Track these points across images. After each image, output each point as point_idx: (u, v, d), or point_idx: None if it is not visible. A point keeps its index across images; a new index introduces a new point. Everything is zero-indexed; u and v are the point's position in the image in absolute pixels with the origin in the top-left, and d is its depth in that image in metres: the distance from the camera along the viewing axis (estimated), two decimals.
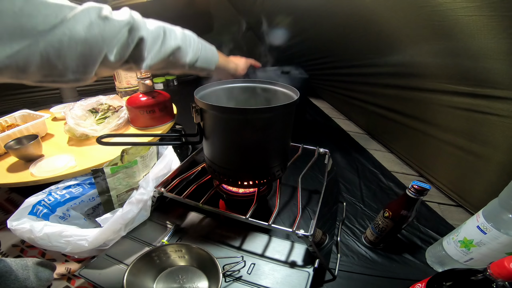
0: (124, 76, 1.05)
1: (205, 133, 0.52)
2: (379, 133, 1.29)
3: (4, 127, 0.79)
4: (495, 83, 0.67)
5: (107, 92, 1.08)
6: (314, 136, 1.35)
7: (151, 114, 0.80)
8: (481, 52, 0.66)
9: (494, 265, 0.37)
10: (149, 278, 0.51)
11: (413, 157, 1.06)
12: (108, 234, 0.56)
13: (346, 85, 1.46)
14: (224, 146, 0.52)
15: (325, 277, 0.63)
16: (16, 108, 0.91)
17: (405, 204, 0.59)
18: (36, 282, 0.50)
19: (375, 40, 1.04)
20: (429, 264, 0.67)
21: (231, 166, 0.54)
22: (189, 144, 0.78)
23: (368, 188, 0.96)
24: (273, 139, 0.52)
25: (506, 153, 0.70)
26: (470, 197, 0.83)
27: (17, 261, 0.50)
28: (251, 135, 0.49)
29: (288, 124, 0.54)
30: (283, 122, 0.51)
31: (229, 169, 0.54)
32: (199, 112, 0.49)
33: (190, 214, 0.68)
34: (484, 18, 0.61)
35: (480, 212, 0.56)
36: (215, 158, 0.55)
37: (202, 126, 0.52)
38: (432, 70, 0.85)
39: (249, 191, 0.65)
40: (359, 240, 0.74)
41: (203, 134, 0.53)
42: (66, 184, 0.67)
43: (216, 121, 0.49)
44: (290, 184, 0.95)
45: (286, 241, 0.60)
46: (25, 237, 0.54)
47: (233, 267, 0.53)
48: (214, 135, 0.52)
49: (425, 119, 0.95)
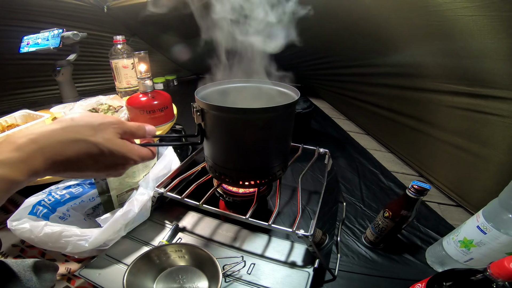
0: (124, 76, 1.05)
1: (206, 133, 0.52)
2: (379, 133, 1.29)
3: (4, 127, 0.79)
4: (495, 83, 0.67)
5: (107, 92, 1.08)
6: (314, 136, 1.35)
7: (151, 114, 0.80)
8: (481, 52, 0.66)
9: (494, 265, 0.37)
10: (149, 278, 0.51)
11: (413, 157, 1.06)
12: (108, 234, 0.56)
13: (346, 85, 1.46)
14: (226, 146, 0.52)
15: (325, 277, 0.63)
16: (16, 108, 0.91)
17: (405, 204, 0.59)
18: (39, 284, 0.50)
19: (375, 40, 1.03)
20: (429, 264, 0.67)
21: (233, 166, 0.54)
22: (189, 144, 0.77)
23: (368, 188, 0.96)
24: (276, 139, 0.52)
25: (506, 153, 0.70)
26: (470, 197, 0.83)
27: (18, 262, 0.50)
28: (254, 135, 0.49)
29: (290, 123, 0.54)
30: (285, 121, 0.52)
31: (231, 169, 0.54)
32: (200, 113, 0.49)
33: (190, 214, 0.68)
34: (484, 18, 0.61)
35: (480, 212, 0.56)
36: (217, 159, 0.55)
37: (203, 126, 0.51)
38: (432, 70, 0.85)
39: (249, 191, 0.65)
40: (359, 240, 0.74)
41: (204, 134, 0.53)
42: (66, 184, 0.67)
43: (218, 121, 0.49)
44: (290, 184, 0.94)
45: (286, 241, 0.60)
46: (25, 237, 0.54)
47: (233, 267, 0.53)
48: (216, 136, 0.51)
49: (425, 119, 0.95)
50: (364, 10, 0.95)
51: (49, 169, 0.28)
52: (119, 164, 0.35)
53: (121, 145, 0.33)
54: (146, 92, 0.79)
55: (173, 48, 1.91)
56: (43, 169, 0.28)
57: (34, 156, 0.27)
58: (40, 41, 1.03)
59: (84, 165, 0.31)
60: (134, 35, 1.87)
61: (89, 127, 0.31)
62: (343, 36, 1.19)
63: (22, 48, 1.06)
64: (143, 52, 0.77)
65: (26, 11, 1.27)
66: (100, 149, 0.31)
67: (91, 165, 0.32)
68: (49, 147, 0.28)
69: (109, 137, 0.32)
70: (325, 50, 1.43)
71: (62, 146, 0.29)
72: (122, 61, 1.02)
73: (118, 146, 0.33)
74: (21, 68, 1.36)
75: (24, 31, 1.09)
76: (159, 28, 1.70)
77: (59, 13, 1.38)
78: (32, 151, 0.27)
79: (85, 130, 0.31)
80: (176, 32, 1.70)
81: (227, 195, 0.65)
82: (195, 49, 1.77)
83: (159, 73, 2.19)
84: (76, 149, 0.30)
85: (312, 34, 1.35)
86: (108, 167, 0.34)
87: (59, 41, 0.97)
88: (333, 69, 1.47)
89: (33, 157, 0.27)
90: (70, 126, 0.30)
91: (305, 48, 1.55)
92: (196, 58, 1.92)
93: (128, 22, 1.72)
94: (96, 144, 0.31)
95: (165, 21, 1.55)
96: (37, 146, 0.27)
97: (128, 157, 0.34)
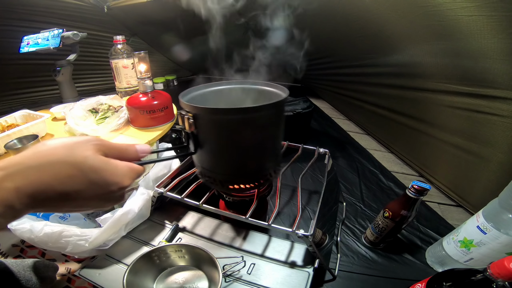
0: (124, 76, 1.05)
1: (200, 141, 0.47)
2: (379, 133, 1.29)
3: (4, 127, 0.78)
4: (495, 83, 0.67)
5: (107, 92, 1.08)
6: (314, 136, 1.35)
7: (151, 114, 0.80)
8: (481, 52, 0.66)
9: (494, 265, 0.37)
10: (149, 278, 0.51)
11: (413, 157, 1.06)
12: (108, 234, 0.56)
13: (346, 85, 1.46)
14: (225, 151, 0.48)
15: (325, 277, 0.63)
16: (16, 108, 0.91)
17: (405, 204, 0.59)
18: (39, 284, 0.50)
19: (375, 40, 1.04)
20: (429, 264, 0.67)
21: (236, 171, 0.51)
22: (185, 156, 0.72)
23: (368, 188, 0.96)
24: (276, 137, 0.52)
25: (506, 153, 0.70)
26: (470, 197, 0.83)
27: (18, 262, 0.50)
28: (260, 134, 0.47)
29: (282, 121, 0.52)
30: (278, 119, 0.50)
31: (233, 175, 0.51)
32: (193, 119, 0.44)
33: (190, 214, 0.68)
34: (484, 18, 0.61)
35: (480, 212, 0.56)
36: (216, 166, 0.51)
37: (196, 134, 0.46)
38: (432, 70, 0.85)
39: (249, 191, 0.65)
40: (359, 240, 0.74)
41: (198, 143, 0.48)
42: None
43: (216, 126, 0.45)
44: (290, 184, 0.94)
45: (286, 241, 0.60)
46: (25, 237, 0.54)
47: (233, 267, 0.53)
48: (215, 142, 0.48)
49: (425, 119, 0.95)
50: (364, 10, 0.95)
51: (29, 202, 0.24)
52: (111, 185, 0.28)
53: (105, 161, 0.28)
54: (146, 92, 0.79)
55: (173, 48, 1.91)
56: (18, 201, 0.24)
57: (0, 186, 0.23)
58: (40, 41, 1.03)
59: (69, 192, 0.26)
60: (134, 35, 1.87)
61: (64, 148, 0.27)
62: (343, 36, 1.19)
63: (22, 48, 1.06)
64: (143, 52, 0.77)
65: (26, 11, 1.27)
66: (80, 169, 0.26)
67: (77, 192, 0.26)
68: (19, 174, 0.24)
69: (87, 154, 0.27)
70: (325, 50, 1.43)
71: (35, 172, 0.25)
72: (122, 61, 1.02)
73: (101, 163, 0.27)
74: (21, 68, 1.36)
75: (24, 31, 1.09)
76: (159, 28, 1.70)
77: (59, 13, 1.38)
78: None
79: (60, 151, 0.26)
80: (176, 32, 1.70)
81: (227, 195, 0.65)
82: (195, 49, 1.77)
83: (159, 73, 2.19)
84: (52, 173, 0.25)
85: (312, 34, 1.36)
86: (100, 192, 0.28)
87: (59, 41, 0.97)
88: (333, 69, 1.47)
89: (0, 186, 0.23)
90: (42, 150, 0.26)
91: (305, 48, 1.55)
92: (196, 58, 1.93)
93: (128, 22, 1.72)
94: (74, 164, 0.26)
95: (165, 21, 1.55)
96: (3, 174, 0.23)
97: (118, 174, 0.29)
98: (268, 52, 0.68)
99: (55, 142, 0.27)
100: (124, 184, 0.29)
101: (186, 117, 0.44)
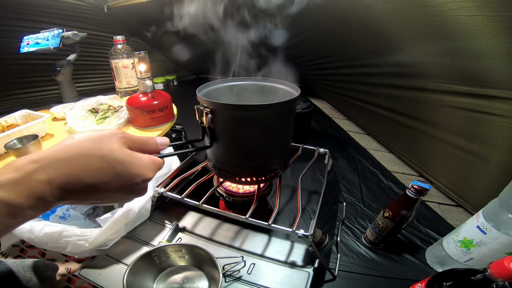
0: (124, 76, 1.05)
1: (216, 135, 0.49)
2: (379, 133, 1.29)
3: (4, 127, 0.79)
4: (495, 83, 0.67)
5: (107, 92, 1.08)
6: (314, 136, 1.36)
7: (151, 114, 0.80)
8: (481, 52, 0.66)
9: (494, 265, 0.37)
10: (149, 278, 0.51)
11: (413, 157, 1.06)
12: (108, 234, 0.56)
13: (346, 85, 1.46)
14: (244, 145, 0.50)
15: (325, 277, 0.63)
16: (16, 108, 0.91)
17: (405, 204, 0.59)
18: (39, 284, 0.50)
19: (375, 40, 1.04)
20: (429, 264, 0.67)
21: (249, 164, 0.53)
22: (198, 150, 0.75)
23: (368, 188, 0.96)
24: (288, 133, 0.54)
25: (506, 153, 0.70)
26: (470, 197, 0.83)
27: (18, 262, 0.50)
28: (275, 129, 0.50)
29: (292, 119, 0.55)
30: (289, 116, 0.52)
31: (247, 168, 0.53)
32: (211, 114, 0.46)
33: (190, 214, 0.68)
34: (484, 18, 0.61)
35: (480, 212, 0.56)
36: (230, 159, 0.53)
37: (213, 128, 0.48)
38: (432, 70, 0.85)
39: (249, 190, 0.65)
40: (359, 240, 0.74)
41: (214, 137, 0.49)
42: None
43: (233, 121, 0.47)
44: (290, 184, 0.94)
45: (286, 241, 0.60)
46: (25, 237, 0.54)
47: (233, 267, 0.53)
48: (232, 136, 0.49)
49: (425, 119, 0.95)
50: (364, 10, 0.95)
51: (60, 194, 0.25)
52: (136, 177, 0.29)
53: (130, 154, 0.30)
54: (146, 92, 0.80)
55: (173, 48, 1.91)
56: (50, 193, 0.25)
57: (33, 177, 0.24)
58: (40, 41, 1.03)
59: (97, 184, 0.27)
60: (134, 35, 1.88)
61: (91, 141, 0.28)
62: (343, 36, 1.19)
63: (22, 48, 1.06)
64: (143, 52, 0.77)
65: (26, 11, 1.27)
66: (108, 161, 0.27)
67: (104, 184, 0.28)
68: (51, 166, 0.25)
69: (114, 147, 0.28)
70: (325, 50, 1.43)
71: (65, 164, 0.26)
72: (122, 61, 1.02)
73: (127, 155, 0.29)
74: (21, 68, 1.36)
75: (24, 31, 1.09)
76: (159, 28, 1.70)
77: (59, 13, 1.38)
78: (30, 171, 0.24)
79: (88, 144, 0.28)
80: (176, 32, 1.70)
81: (227, 195, 0.65)
82: (195, 49, 1.77)
83: (159, 73, 2.19)
84: (81, 165, 0.26)
85: (312, 34, 1.36)
86: (125, 184, 0.29)
87: (59, 41, 0.97)
88: (333, 69, 1.47)
89: (32, 177, 0.24)
90: (70, 143, 0.28)
91: (305, 48, 1.55)
92: (196, 58, 1.93)
93: (128, 22, 1.72)
94: (102, 157, 0.27)
95: (164, 21, 1.55)
96: (36, 166, 0.24)
97: (142, 167, 0.30)
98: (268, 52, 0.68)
99: (82, 135, 0.29)
100: (147, 176, 0.31)
101: (205, 112, 0.46)
